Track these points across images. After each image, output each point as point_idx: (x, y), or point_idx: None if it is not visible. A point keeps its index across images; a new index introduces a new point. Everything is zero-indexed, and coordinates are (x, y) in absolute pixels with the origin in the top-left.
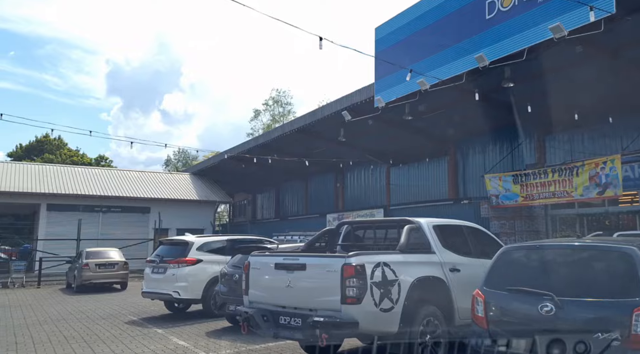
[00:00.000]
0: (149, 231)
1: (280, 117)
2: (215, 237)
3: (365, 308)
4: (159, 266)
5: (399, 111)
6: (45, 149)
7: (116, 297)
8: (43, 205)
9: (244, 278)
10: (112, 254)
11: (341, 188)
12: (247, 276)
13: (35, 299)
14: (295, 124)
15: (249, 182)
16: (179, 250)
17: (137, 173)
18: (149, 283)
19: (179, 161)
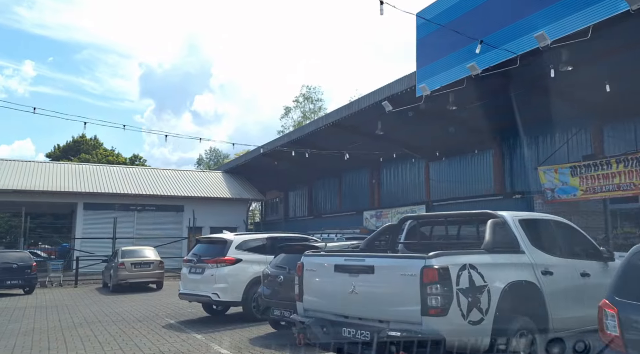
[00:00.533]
0: (183, 229)
1: (311, 114)
2: (254, 235)
3: (451, 321)
4: (196, 265)
5: (442, 101)
6: (81, 149)
7: (152, 297)
8: (80, 204)
9: (297, 281)
10: (148, 253)
11: (377, 184)
12: (301, 279)
13: (72, 300)
14: (330, 118)
15: (281, 179)
16: (217, 249)
17: (171, 172)
18: (186, 283)
19: (210, 160)
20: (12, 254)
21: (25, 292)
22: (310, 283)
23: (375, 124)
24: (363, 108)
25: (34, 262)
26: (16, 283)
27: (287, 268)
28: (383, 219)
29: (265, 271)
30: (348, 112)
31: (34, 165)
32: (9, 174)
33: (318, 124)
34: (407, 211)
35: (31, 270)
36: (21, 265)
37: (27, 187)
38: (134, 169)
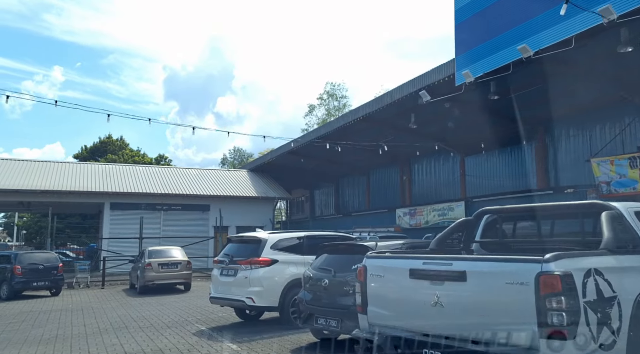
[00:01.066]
0: (209, 228)
1: (336, 111)
2: (290, 233)
3: (580, 345)
4: (228, 267)
5: (482, 90)
6: (108, 149)
7: (180, 300)
8: (107, 204)
9: (359, 289)
10: (175, 253)
11: (407, 181)
12: (364, 286)
13: (98, 302)
14: (359, 112)
15: (306, 178)
16: (251, 249)
17: (196, 171)
18: (217, 286)
19: (235, 160)
20: (38, 255)
21: (52, 293)
22: (377, 292)
23: (407, 117)
24: (396, 100)
25: (60, 263)
26: (42, 284)
27: (332, 270)
28: (417, 217)
29: (307, 273)
30: (379, 105)
31: (62, 166)
32: (37, 175)
33: (347, 118)
34: (445, 209)
35: (57, 271)
36: (47, 266)
37: (54, 187)
38: (160, 169)
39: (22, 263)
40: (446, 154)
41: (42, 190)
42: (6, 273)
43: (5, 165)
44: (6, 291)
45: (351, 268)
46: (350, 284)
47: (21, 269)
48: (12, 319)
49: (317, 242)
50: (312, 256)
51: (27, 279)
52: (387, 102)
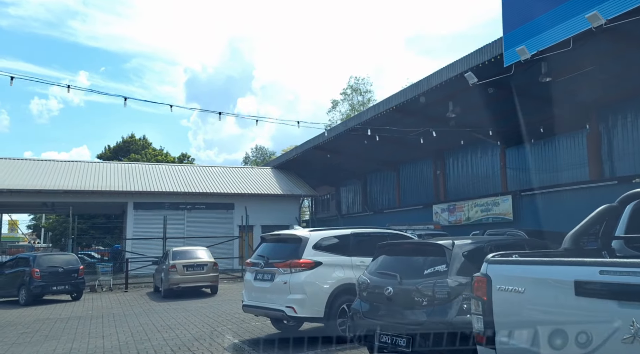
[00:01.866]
0: (234, 228)
1: (360, 106)
2: (334, 230)
3: None
4: (263, 271)
5: (533, 72)
6: (131, 149)
7: (207, 305)
8: (130, 204)
9: (477, 308)
10: (201, 253)
11: (442, 175)
12: (488, 304)
13: (120, 307)
14: (391, 102)
15: (332, 174)
16: (290, 249)
17: (220, 169)
18: (251, 293)
19: (257, 158)
20: (58, 257)
21: (72, 298)
22: (513, 314)
23: (445, 105)
24: (433, 87)
25: (81, 265)
26: (62, 288)
27: (397, 275)
28: (457, 213)
29: (362, 279)
30: (414, 93)
31: (84, 165)
32: (60, 175)
33: (378, 109)
34: (488, 204)
35: (78, 274)
36: (67, 269)
37: (77, 187)
38: (183, 167)
39: (41, 266)
40: (484, 146)
41: (64, 190)
42: (25, 276)
43: (28, 165)
44: (25, 296)
45: (422, 273)
46: (424, 294)
47: (40, 272)
48: (26, 329)
49: (366, 241)
50: (360, 257)
51: (47, 283)
52: (423, 89)
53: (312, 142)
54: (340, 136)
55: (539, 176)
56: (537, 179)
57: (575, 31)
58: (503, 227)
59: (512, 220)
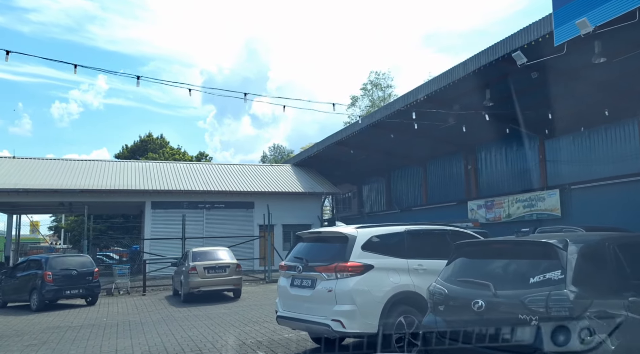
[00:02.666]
0: (254, 227)
1: (380, 102)
2: (385, 227)
3: None
4: (302, 276)
5: (585, 52)
6: (149, 148)
7: (231, 311)
8: (148, 203)
9: None
10: (222, 254)
11: (473, 171)
12: None
13: (137, 313)
14: (421, 91)
15: (354, 171)
16: (334, 249)
17: (239, 167)
18: (287, 301)
19: (274, 157)
20: (71, 259)
21: (87, 302)
22: None
23: (482, 93)
24: (470, 73)
25: (95, 267)
26: (76, 292)
27: (489, 285)
28: (495, 210)
29: (437, 289)
30: (449, 80)
31: (101, 164)
32: (77, 174)
33: (407, 99)
34: (532, 199)
35: (93, 277)
36: (81, 272)
37: (94, 186)
38: (201, 166)
39: (53, 269)
40: (521, 138)
41: (81, 189)
42: (37, 279)
43: (44, 165)
44: (36, 301)
45: (527, 282)
46: (533, 310)
47: (52, 275)
48: (33, 340)
49: (423, 240)
50: (418, 259)
51: (59, 287)
52: (460, 76)
53: (334, 138)
54: (364, 131)
55: (585, 169)
56: (583, 172)
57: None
58: (549, 224)
59: (559, 216)
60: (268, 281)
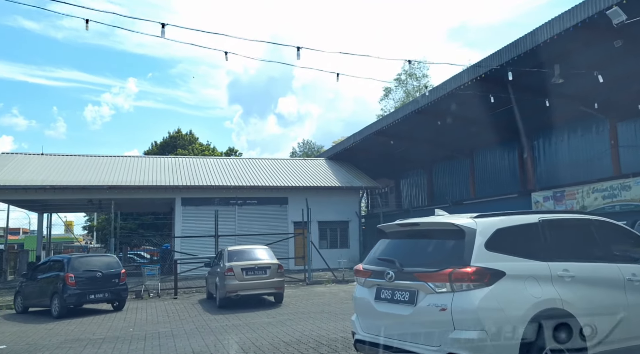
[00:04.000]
0: (288, 224)
1: (416, 92)
2: (511, 216)
3: None
4: (394, 286)
5: None
6: (178, 144)
7: (276, 320)
8: (178, 200)
9: None
10: (261, 253)
11: (529, 159)
12: None
13: (168, 322)
14: (477, 71)
15: (392, 165)
16: (444, 249)
17: (271, 161)
18: (370, 321)
19: (304, 153)
20: (96, 260)
21: (114, 307)
22: None
23: (551, 68)
24: (541, 44)
25: (122, 269)
26: (101, 296)
27: None
28: (567, 202)
29: None
30: (512, 54)
31: (130, 160)
32: (105, 171)
33: (461, 79)
34: (614, 188)
35: (120, 279)
36: (107, 273)
37: (122, 182)
38: (232, 161)
39: (76, 271)
40: (587, 122)
41: (109, 186)
42: (58, 282)
43: (73, 162)
44: (57, 307)
45: None
46: None
47: (75, 278)
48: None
49: (565, 234)
50: (562, 262)
51: (82, 291)
52: (525, 49)
53: (373, 127)
54: (408, 118)
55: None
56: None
57: None
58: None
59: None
60: (309, 282)
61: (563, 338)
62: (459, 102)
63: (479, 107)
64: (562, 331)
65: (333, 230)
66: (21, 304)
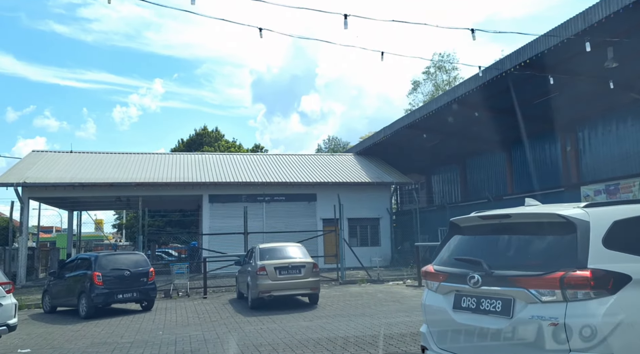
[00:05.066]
0: (317, 221)
1: (446, 85)
2: (626, 206)
3: None
4: (480, 292)
5: None
6: (204, 141)
7: (314, 324)
8: (205, 196)
9: None
10: (294, 252)
11: (573, 152)
12: None
13: (199, 324)
14: (521, 56)
15: (422, 160)
16: (548, 246)
17: (298, 157)
18: (448, 334)
19: (330, 150)
20: (124, 258)
21: (142, 307)
22: None
23: (603, 52)
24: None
25: (151, 267)
26: (130, 296)
27: None
28: (621, 195)
29: None
30: (562, 36)
31: (157, 157)
32: (132, 168)
33: (502, 66)
34: None
35: (148, 278)
36: (135, 272)
37: (149, 179)
38: (259, 157)
39: (103, 269)
40: (638, 110)
41: (136, 183)
42: (85, 281)
43: (101, 159)
44: (85, 307)
45: None
46: None
47: (102, 276)
48: None
49: None
50: None
51: (110, 290)
52: (576, 31)
53: (405, 120)
54: (442, 109)
55: None
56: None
57: None
58: None
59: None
60: (342, 282)
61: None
62: (498, 91)
63: (520, 96)
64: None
65: (363, 227)
66: (49, 303)
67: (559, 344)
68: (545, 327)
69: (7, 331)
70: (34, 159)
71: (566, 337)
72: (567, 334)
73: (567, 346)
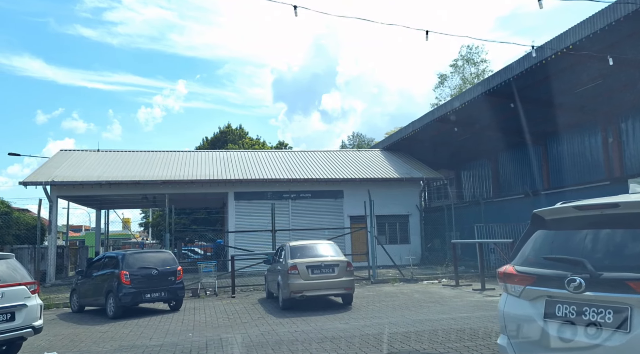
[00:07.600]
0: (344, 218)
1: (474, 79)
2: None
3: None
4: (585, 298)
5: None
6: (228, 139)
7: (351, 326)
8: (231, 194)
9: None
10: (326, 250)
11: (615, 144)
12: None
13: (230, 325)
14: (563, 42)
15: (451, 155)
16: None
17: (323, 153)
18: (538, 348)
19: (354, 146)
20: (151, 256)
21: (171, 307)
22: None
23: None
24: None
25: (179, 266)
26: (157, 295)
27: None
28: None
29: None
30: (610, 19)
31: (183, 155)
32: (158, 166)
33: (543, 54)
34: None
35: (176, 277)
36: (163, 270)
37: (175, 177)
38: (284, 154)
39: (130, 268)
40: None
41: (162, 180)
42: (112, 280)
43: (127, 157)
44: (112, 307)
45: None
46: None
47: (129, 275)
48: None
49: None
50: None
51: (138, 290)
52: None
53: (436, 113)
54: (475, 101)
55: None
56: None
57: None
58: None
59: None
60: (374, 281)
61: None
62: (536, 81)
63: (559, 86)
64: None
65: (392, 224)
66: (77, 302)
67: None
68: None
69: (32, 334)
70: (62, 158)
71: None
72: None
73: None
